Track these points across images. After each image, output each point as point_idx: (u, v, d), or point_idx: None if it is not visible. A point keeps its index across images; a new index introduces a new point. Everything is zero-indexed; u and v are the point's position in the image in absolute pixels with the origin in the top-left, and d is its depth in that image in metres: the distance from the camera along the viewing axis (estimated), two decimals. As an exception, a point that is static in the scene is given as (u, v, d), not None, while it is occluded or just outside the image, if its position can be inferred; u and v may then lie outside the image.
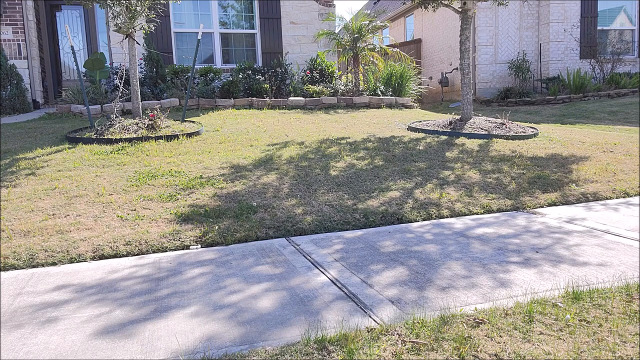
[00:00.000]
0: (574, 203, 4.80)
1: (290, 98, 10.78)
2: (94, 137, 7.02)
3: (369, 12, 14.69)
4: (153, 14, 8.07)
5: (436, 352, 2.13)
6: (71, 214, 4.30)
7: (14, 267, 3.43)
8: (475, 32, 14.98)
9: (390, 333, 2.31)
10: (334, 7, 12.81)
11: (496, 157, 6.26)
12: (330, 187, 5.02)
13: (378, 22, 12.25)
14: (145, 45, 10.23)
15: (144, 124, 7.41)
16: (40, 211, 4.34)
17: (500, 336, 2.25)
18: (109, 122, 7.44)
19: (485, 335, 2.25)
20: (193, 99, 10.28)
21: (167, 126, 7.61)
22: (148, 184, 5.05)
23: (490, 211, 4.56)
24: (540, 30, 15.21)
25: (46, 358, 2.24)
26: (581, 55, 14.87)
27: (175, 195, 4.72)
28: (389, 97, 11.37)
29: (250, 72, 11.25)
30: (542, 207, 4.69)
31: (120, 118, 7.55)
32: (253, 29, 12.54)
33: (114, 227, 4.04)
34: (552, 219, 4.27)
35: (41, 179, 5.26)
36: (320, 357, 2.14)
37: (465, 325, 2.35)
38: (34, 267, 3.45)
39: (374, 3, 25.28)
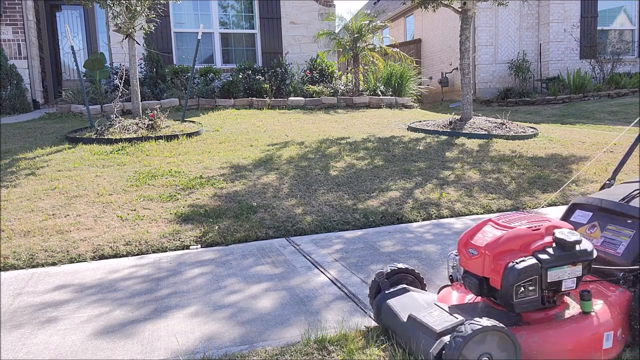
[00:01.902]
0: (574, 203, 4.80)
1: (290, 98, 10.78)
2: (94, 137, 7.02)
3: (369, 12, 14.69)
4: (153, 14, 8.07)
5: (436, 352, 2.13)
6: (71, 214, 4.30)
7: (14, 267, 3.43)
8: (475, 32, 14.98)
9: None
10: (334, 7, 12.81)
11: (496, 157, 6.27)
12: (330, 187, 5.03)
13: (378, 22, 12.25)
14: (145, 45, 10.23)
15: (144, 124, 7.41)
16: (40, 211, 4.35)
17: (500, 336, 2.24)
18: (109, 122, 7.44)
19: (485, 335, 2.25)
20: (193, 99, 10.28)
21: (167, 126, 7.61)
22: (148, 184, 5.05)
23: (490, 211, 4.56)
24: (540, 30, 15.21)
25: (46, 358, 2.24)
26: (581, 55, 14.87)
27: (175, 195, 4.73)
28: (389, 97, 11.37)
29: (250, 72, 11.25)
30: (542, 207, 4.69)
31: (120, 118, 7.55)
32: (253, 29, 12.54)
33: (114, 227, 4.04)
34: (552, 219, 4.26)
35: (41, 179, 5.27)
36: (320, 357, 2.14)
37: (465, 325, 2.35)
38: (34, 267, 3.45)
39: (374, 3, 25.27)
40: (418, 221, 4.31)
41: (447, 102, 16.24)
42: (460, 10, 8.08)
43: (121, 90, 8.06)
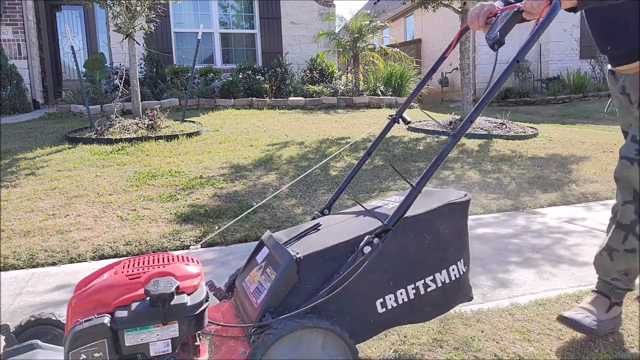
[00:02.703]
0: (574, 203, 4.80)
1: (290, 98, 10.78)
2: (94, 137, 7.03)
3: (369, 12, 14.70)
4: (153, 14, 8.08)
5: (436, 353, 2.13)
6: (71, 214, 4.30)
7: (14, 267, 3.43)
8: (475, 32, 14.99)
9: (390, 333, 2.31)
10: (334, 7, 12.82)
11: (496, 157, 6.27)
12: (330, 187, 5.03)
13: (378, 22, 12.26)
14: (145, 45, 10.23)
15: (144, 124, 7.42)
16: (40, 211, 4.35)
17: (500, 336, 2.25)
18: (109, 122, 7.45)
19: (485, 336, 2.25)
20: (193, 99, 10.29)
21: (167, 126, 7.62)
22: (148, 184, 5.05)
23: (490, 211, 4.56)
24: (540, 30, 15.21)
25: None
26: (581, 55, 14.88)
27: (175, 195, 4.73)
28: (389, 97, 11.38)
29: (250, 72, 11.27)
30: (542, 207, 4.69)
31: (120, 118, 7.56)
32: (253, 29, 12.54)
33: (114, 227, 4.04)
34: (552, 219, 4.27)
35: (41, 179, 5.27)
36: None
37: (464, 325, 2.35)
38: (34, 267, 3.45)
39: (374, 3, 25.29)
40: (418, 221, 4.30)
41: (447, 102, 16.25)
42: (460, 10, 8.08)
43: (121, 90, 8.07)
